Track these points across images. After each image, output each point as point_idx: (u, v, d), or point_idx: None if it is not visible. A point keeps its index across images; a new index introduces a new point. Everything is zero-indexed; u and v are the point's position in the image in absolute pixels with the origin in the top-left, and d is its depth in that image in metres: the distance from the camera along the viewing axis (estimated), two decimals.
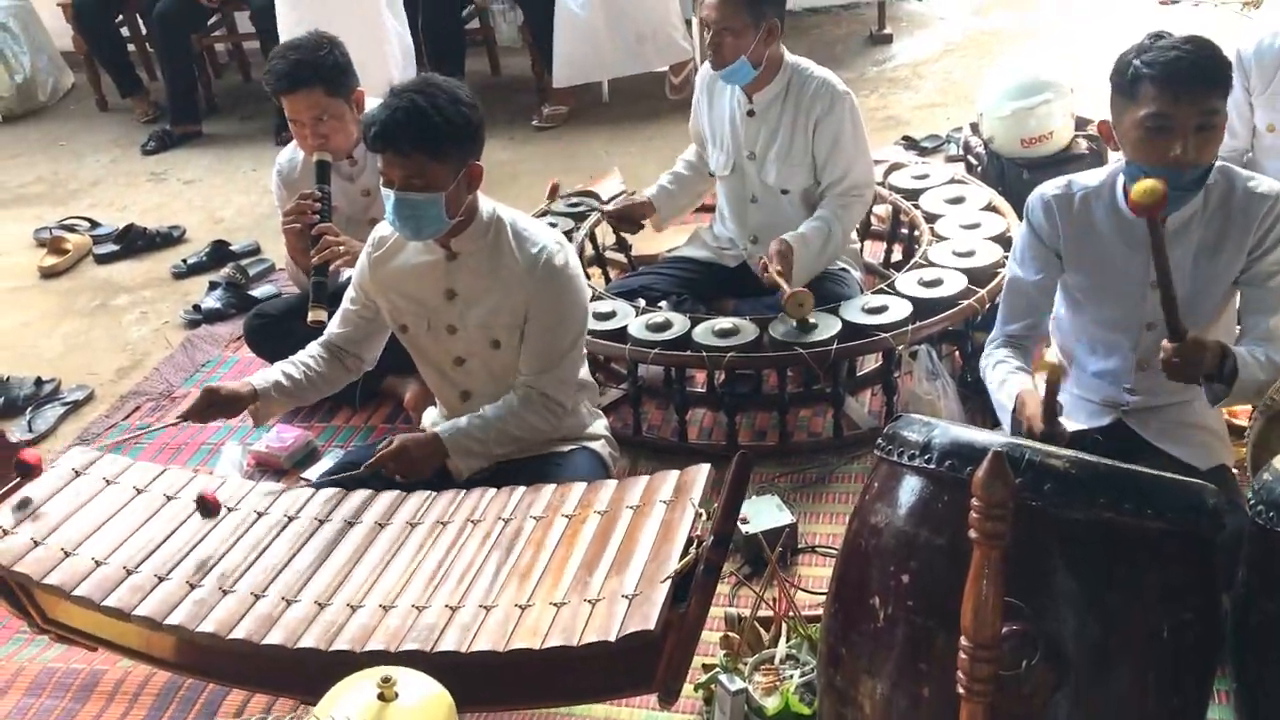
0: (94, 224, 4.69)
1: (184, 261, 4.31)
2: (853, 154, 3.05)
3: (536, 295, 2.40)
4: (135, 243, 4.49)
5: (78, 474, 2.30)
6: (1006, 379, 2.29)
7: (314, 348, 2.59)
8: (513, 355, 2.46)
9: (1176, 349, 2.05)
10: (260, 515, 2.19)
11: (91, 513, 2.20)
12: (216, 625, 1.92)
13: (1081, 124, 3.66)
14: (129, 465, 2.36)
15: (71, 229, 4.62)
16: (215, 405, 2.43)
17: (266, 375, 2.52)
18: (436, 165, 2.27)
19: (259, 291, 4.00)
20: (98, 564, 2.07)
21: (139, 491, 2.27)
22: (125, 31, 5.85)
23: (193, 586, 2.01)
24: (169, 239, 4.53)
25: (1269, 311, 2.20)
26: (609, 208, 3.39)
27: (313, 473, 2.96)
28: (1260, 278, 2.20)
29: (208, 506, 2.18)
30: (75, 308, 4.16)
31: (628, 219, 3.36)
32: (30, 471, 2.23)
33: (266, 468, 3.13)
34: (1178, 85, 2.03)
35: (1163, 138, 2.06)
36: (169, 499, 2.25)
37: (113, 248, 4.48)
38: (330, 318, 2.84)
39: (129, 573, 2.05)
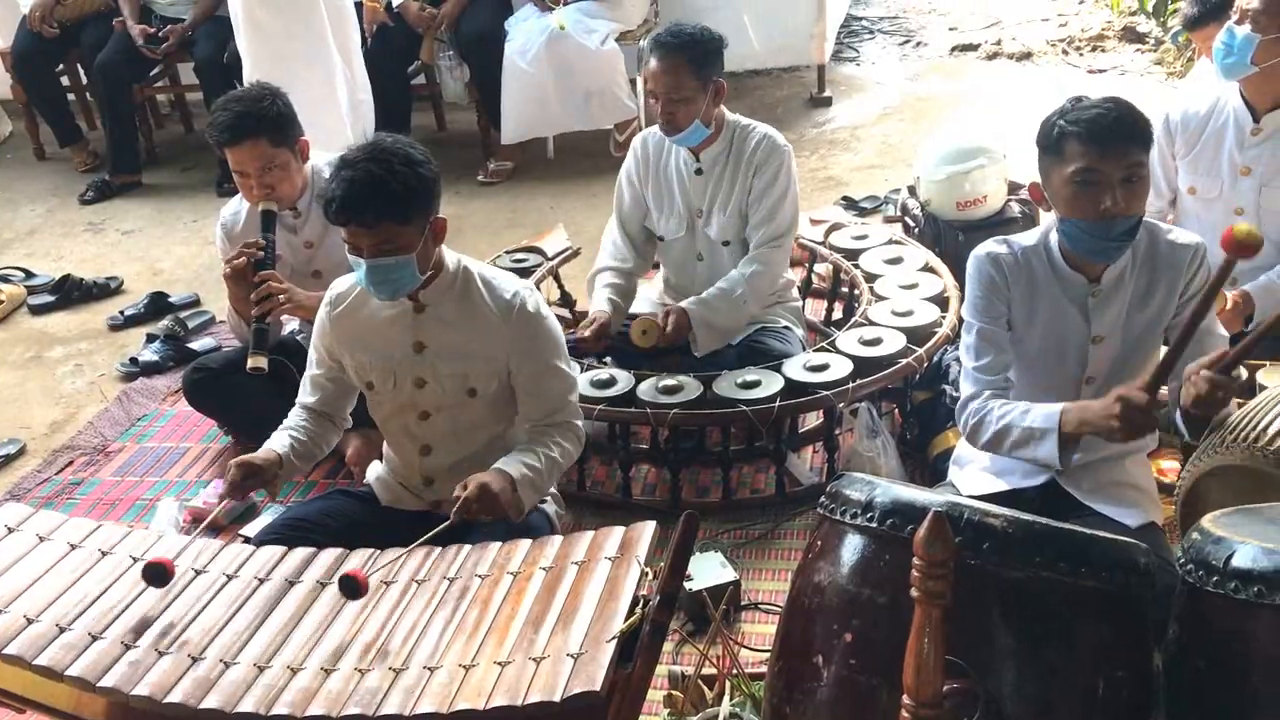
0: (29, 274, 4.62)
1: (121, 313, 4.26)
2: (778, 201, 3.10)
3: (517, 343, 2.42)
4: (71, 294, 4.43)
5: (10, 530, 2.24)
6: (1029, 408, 2.24)
7: (299, 412, 2.58)
8: (486, 404, 2.47)
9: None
10: (198, 574, 2.15)
11: (24, 569, 2.14)
12: (152, 688, 1.87)
13: (1014, 188, 3.77)
14: (63, 521, 2.31)
15: (6, 279, 4.56)
16: (251, 477, 2.39)
17: (280, 441, 2.49)
18: (403, 229, 2.28)
19: (198, 344, 3.96)
20: (29, 621, 2.01)
21: (73, 548, 2.22)
22: (65, 80, 5.80)
23: (127, 647, 1.96)
24: (106, 290, 4.48)
25: (1202, 353, 2.27)
26: (587, 333, 3.14)
27: (251, 529, 2.92)
28: None
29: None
30: (9, 359, 4.08)
31: (603, 337, 3.15)
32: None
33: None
34: (1102, 141, 2.13)
35: (1092, 191, 2.15)
36: (104, 555, 2.20)
37: (48, 298, 4.42)
38: (269, 365, 2.84)
39: (62, 631, 1.99)
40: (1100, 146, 2.13)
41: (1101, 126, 2.13)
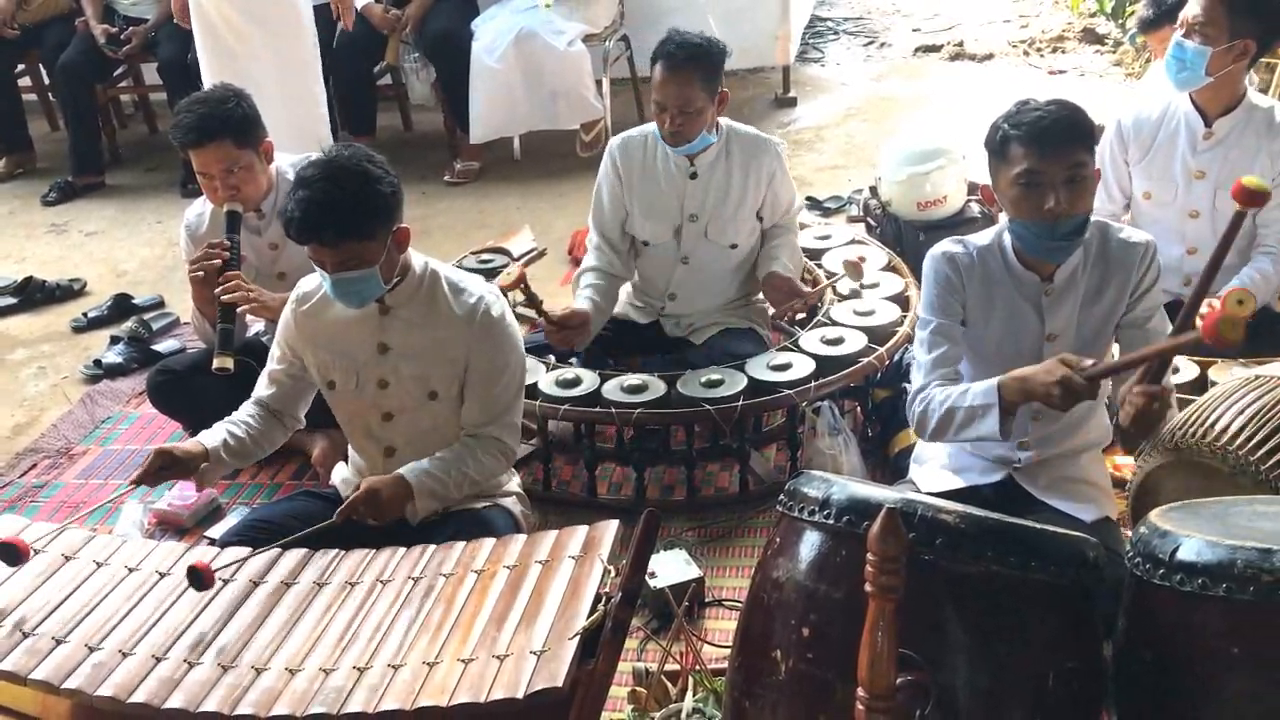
0: None
1: (84, 315, 4.23)
2: (790, 190, 3.26)
3: (476, 347, 2.43)
4: (34, 295, 4.40)
5: None
6: (967, 388, 2.27)
7: (249, 407, 2.57)
8: (447, 407, 2.48)
9: (1160, 392, 2.15)
10: (162, 576, 2.16)
11: None
12: (116, 689, 1.88)
13: (974, 189, 3.82)
14: (25, 525, 2.31)
15: None
16: (168, 467, 2.39)
17: (213, 435, 2.49)
18: (365, 244, 2.29)
19: (162, 346, 3.94)
20: None
21: (36, 552, 2.22)
22: (28, 80, 5.75)
23: (91, 649, 1.97)
24: (69, 292, 4.45)
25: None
26: (555, 315, 3.10)
27: (216, 531, 2.92)
28: (1140, 320, 2.35)
29: (200, 578, 2.05)
30: None
31: (569, 326, 3.11)
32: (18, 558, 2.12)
33: (168, 527, 3.07)
34: (1043, 142, 2.18)
35: (1035, 192, 2.20)
36: (67, 559, 2.21)
37: (10, 300, 4.38)
38: (235, 365, 2.83)
39: (25, 635, 2.00)
40: (1041, 148, 2.18)
41: (1042, 128, 2.19)
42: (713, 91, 3.02)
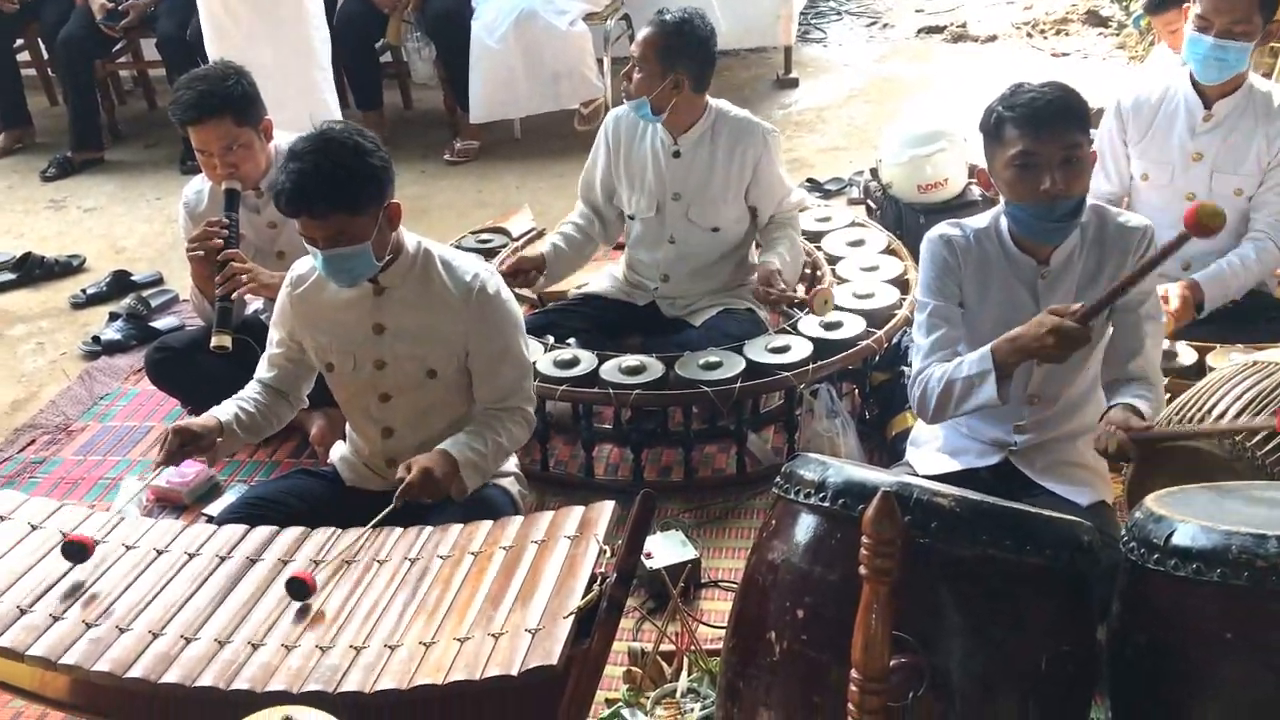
0: None
1: (83, 291, 4.23)
2: (785, 182, 3.24)
3: (475, 327, 2.43)
4: (33, 271, 4.40)
5: None
6: (962, 360, 2.27)
7: (254, 386, 2.58)
8: (447, 386, 2.48)
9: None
10: (160, 552, 2.16)
11: None
12: (112, 664, 1.89)
13: (974, 172, 3.80)
14: (23, 501, 2.31)
15: None
16: (188, 444, 2.39)
17: (225, 410, 2.49)
18: (355, 219, 2.27)
19: (161, 323, 3.94)
20: None
21: (34, 528, 2.22)
22: (26, 56, 5.73)
23: (89, 625, 1.97)
24: (68, 268, 4.45)
25: (1137, 343, 2.32)
26: (504, 266, 3.21)
27: (215, 508, 2.93)
28: (1132, 304, 2.33)
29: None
30: None
31: (521, 271, 3.22)
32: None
33: (166, 503, 3.08)
34: (1038, 123, 2.18)
35: (1031, 174, 2.20)
36: (65, 535, 2.21)
37: (9, 276, 4.38)
38: (233, 343, 2.83)
39: (23, 611, 2.00)
40: (1036, 129, 2.18)
41: (1036, 110, 2.18)
42: (669, 66, 3.00)
